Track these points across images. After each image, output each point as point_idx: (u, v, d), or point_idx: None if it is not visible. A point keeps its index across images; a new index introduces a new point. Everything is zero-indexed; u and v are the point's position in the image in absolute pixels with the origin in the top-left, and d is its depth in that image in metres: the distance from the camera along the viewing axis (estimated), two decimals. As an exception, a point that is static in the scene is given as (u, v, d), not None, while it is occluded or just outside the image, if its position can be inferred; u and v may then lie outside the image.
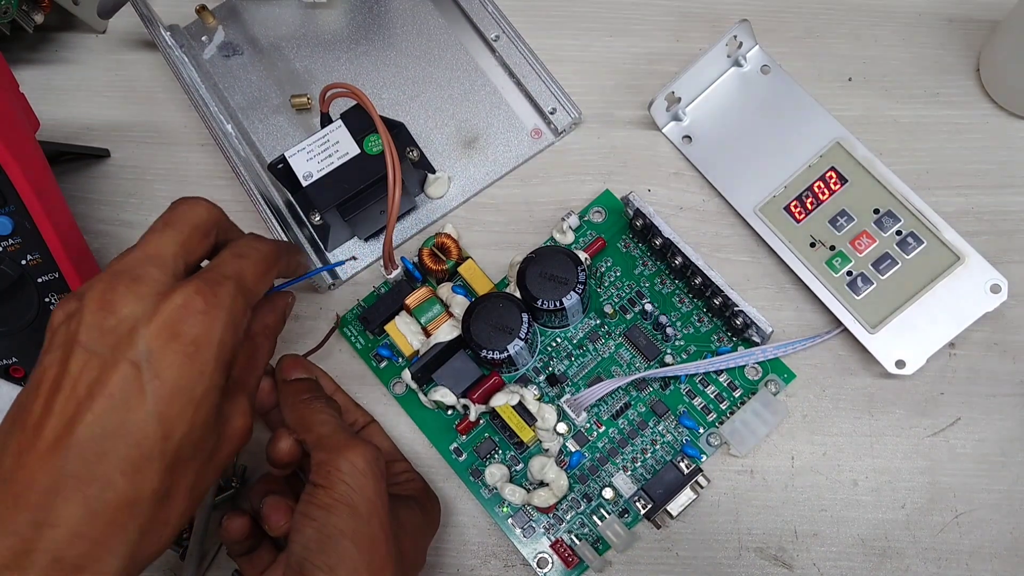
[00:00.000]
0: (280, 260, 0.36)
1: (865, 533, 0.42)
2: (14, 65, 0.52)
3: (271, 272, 0.35)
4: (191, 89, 0.48)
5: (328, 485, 0.33)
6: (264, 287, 0.35)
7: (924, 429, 0.43)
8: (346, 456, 0.34)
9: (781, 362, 0.44)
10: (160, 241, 0.32)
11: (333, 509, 0.32)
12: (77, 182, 0.51)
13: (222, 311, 0.31)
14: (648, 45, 0.51)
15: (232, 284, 0.32)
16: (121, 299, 0.30)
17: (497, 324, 0.41)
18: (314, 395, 0.38)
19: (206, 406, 0.30)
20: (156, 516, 0.29)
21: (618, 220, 0.47)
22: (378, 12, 0.53)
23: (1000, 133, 0.48)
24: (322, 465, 0.34)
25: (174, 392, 0.29)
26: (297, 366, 0.40)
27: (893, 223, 0.44)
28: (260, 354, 0.36)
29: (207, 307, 0.30)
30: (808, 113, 0.47)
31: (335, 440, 0.35)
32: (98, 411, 0.28)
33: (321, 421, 0.36)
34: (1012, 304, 0.44)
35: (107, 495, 0.28)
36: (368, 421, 0.43)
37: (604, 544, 0.42)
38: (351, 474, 0.33)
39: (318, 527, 0.32)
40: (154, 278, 0.31)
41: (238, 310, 0.32)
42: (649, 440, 0.43)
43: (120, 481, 0.28)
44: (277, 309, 0.38)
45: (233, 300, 0.31)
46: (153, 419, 0.29)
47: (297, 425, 0.36)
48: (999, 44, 0.47)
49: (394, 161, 0.41)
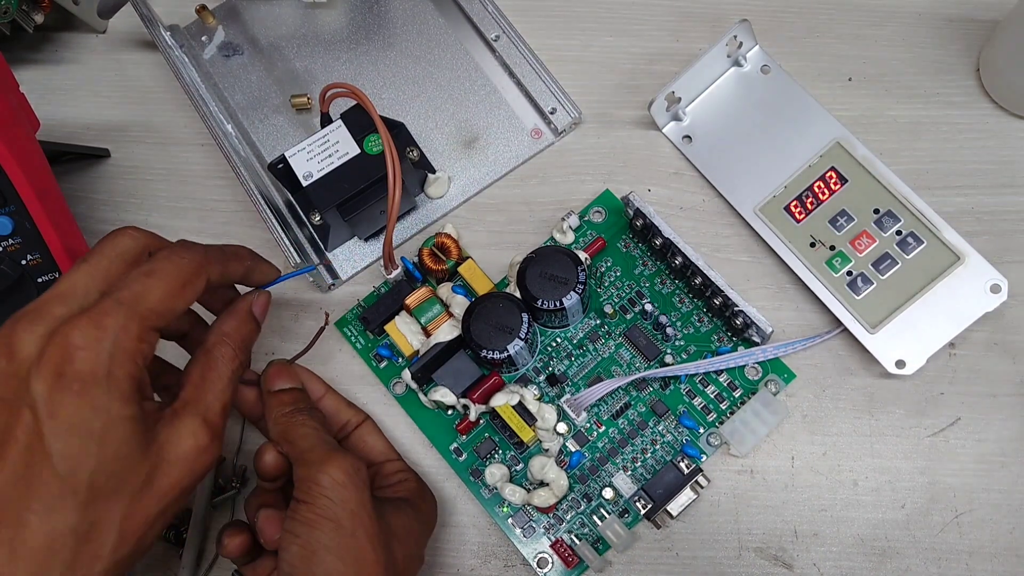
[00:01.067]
0: (203, 271, 0.34)
1: (865, 533, 0.42)
2: (14, 65, 0.52)
3: (190, 285, 0.33)
4: (191, 89, 0.48)
5: (310, 500, 0.33)
6: (177, 304, 0.32)
7: (924, 429, 0.43)
8: (325, 470, 0.33)
9: (781, 362, 0.44)
10: (72, 277, 0.32)
11: (316, 524, 0.32)
12: (77, 182, 0.51)
13: (105, 342, 0.29)
14: (648, 45, 0.51)
15: (122, 311, 0.30)
16: (19, 341, 0.30)
17: (497, 324, 0.41)
18: (296, 407, 0.37)
19: (113, 438, 0.29)
20: (80, 553, 0.29)
21: (618, 220, 0.47)
22: (378, 12, 0.53)
23: (1000, 133, 0.48)
24: (303, 480, 0.34)
25: (69, 430, 0.29)
26: (281, 375, 0.39)
27: (893, 223, 0.44)
28: (218, 366, 0.35)
29: (87, 341, 0.29)
30: (808, 113, 0.47)
31: (315, 454, 0.34)
32: (8, 458, 0.28)
33: (302, 435, 0.36)
34: (1012, 304, 0.44)
35: (23, 536, 0.28)
36: (361, 420, 0.42)
37: (604, 544, 0.42)
38: (332, 488, 0.33)
39: (302, 544, 0.32)
40: (54, 315, 0.30)
41: (129, 337, 0.30)
42: (649, 440, 0.43)
43: (35, 522, 0.28)
44: (237, 314, 0.37)
45: (122, 328, 0.30)
46: (56, 459, 0.28)
47: (280, 438, 0.36)
48: (999, 44, 0.47)
49: (394, 161, 0.41)
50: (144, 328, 0.31)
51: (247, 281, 0.38)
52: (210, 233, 0.49)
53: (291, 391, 0.38)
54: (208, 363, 0.34)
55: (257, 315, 0.38)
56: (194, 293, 0.33)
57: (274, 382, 0.38)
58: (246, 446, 0.45)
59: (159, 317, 0.31)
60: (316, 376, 0.42)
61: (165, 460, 0.31)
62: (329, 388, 0.42)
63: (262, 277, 0.39)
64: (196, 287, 0.33)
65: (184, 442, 0.31)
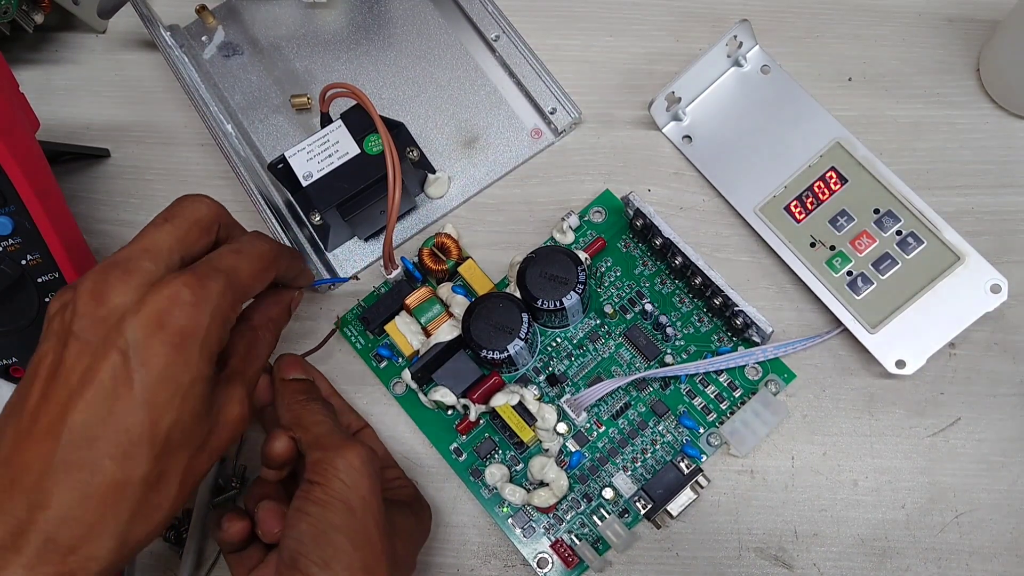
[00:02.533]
0: (279, 261, 0.36)
1: (865, 533, 0.42)
2: (14, 65, 0.52)
3: (268, 271, 0.35)
4: (191, 89, 0.48)
5: (324, 482, 0.33)
6: (259, 284, 0.35)
7: (924, 429, 0.43)
8: (342, 454, 0.34)
9: (781, 362, 0.44)
10: (157, 235, 0.33)
11: (328, 505, 0.33)
12: (77, 182, 0.51)
13: (209, 304, 0.31)
14: (648, 45, 0.51)
15: (223, 278, 0.32)
16: (112, 290, 0.30)
17: (497, 324, 0.41)
18: (310, 395, 0.38)
19: (194, 394, 0.31)
20: (147, 501, 0.30)
21: (618, 220, 0.47)
22: (378, 12, 0.53)
23: (1000, 133, 0.48)
24: (318, 463, 0.34)
25: (160, 380, 0.29)
26: (295, 366, 0.40)
27: (893, 223, 0.44)
28: (260, 345, 0.37)
29: (194, 299, 0.30)
30: (808, 113, 0.47)
31: (331, 439, 0.35)
32: (88, 399, 0.29)
33: (317, 421, 0.36)
34: (1012, 304, 0.44)
35: (97, 480, 0.29)
36: (362, 426, 0.43)
37: (604, 544, 0.42)
38: (347, 472, 0.33)
39: (313, 522, 0.32)
40: (146, 270, 0.31)
41: (226, 304, 0.32)
42: (649, 440, 0.43)
43: (110, 466, 0.29)
44: (281, 303, 0.39)
45: (221, 294, 0.32)
46: (141, 407, 0.29)
47: (293, 424, 0.37)
48: (999, 44, 0.47)
49: (394, 161, 0.41)
50: (236, 299, 0.33)
51: (295, 282, 0.40)
52: (210, 233, 0.49)
53: (303, 381, 0.39)
54: (254, 339, 0.36)
55: (293, 309, 0.40)
56: (269, 279, 0.36)
57: (288, 371, 0.39)
58: (246, 445, 0.45)
59: (246, 291, 0.34)
60: (324, 377, 0.44)
61: (219, 423, 0.32)
62: (334, 390, 0.44)
63: (305, 280, 0.41)
64: (271, 273, 0.36)
65: (234, 408, 0.33)
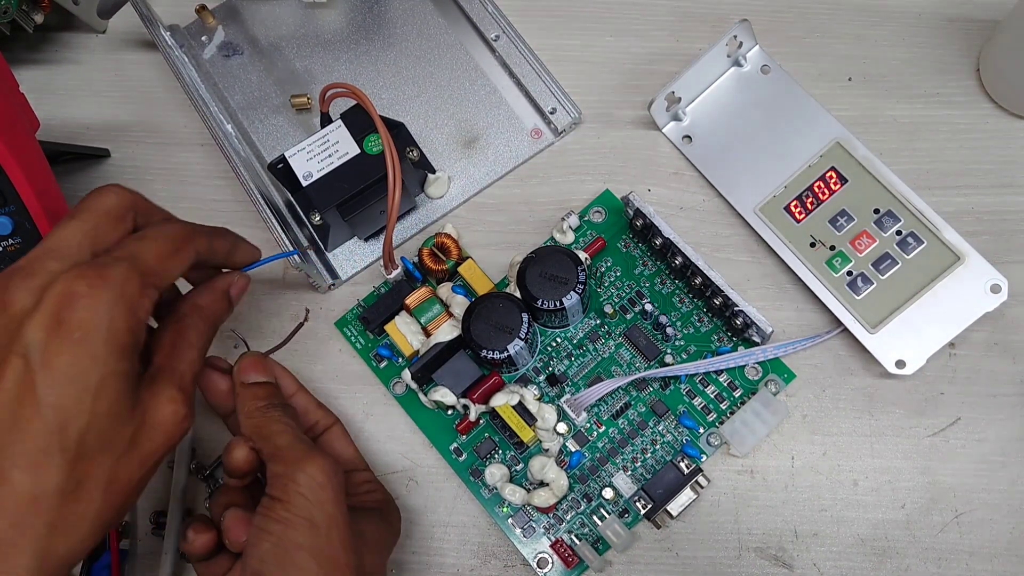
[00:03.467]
0: (194, 241, 0.34)
1: (865, 533, 0.42)
2: (14, 65, 0.52)
3: (180, 252, 0.33)
4: (191, 89, 0.48)
5: (286, 499, 0.32)
6: (172, 267, 0.33)
7: (924, 429, 0.43)
8: (304, 469, 0.33)
9: (781, 362, 0.44)
10: (61, 233, 0.31)
11: (291, 523, 0.32)
12: (77, 182, 0.51)
13: (108, 292, 0.29)
14: (648, 45, 0.51)
15: (122, 265, 0.30)
16: (13, 295, 0.29)
17: (497, 324, 0.41)
18: (271, 402, 0.36)
19: (107, 393, 0.29)
20: (66, 512, 0.28)
21: (618, 220, 0.47)
22: (378, 12, 0.53)
23: (1000, 133, 0.48)
24: (279, 478, 0.33)
25: (65, 381, 0.28)
26: (255, 367, 0.38)
27: (893, 223, 0.44)
28: (188, 337, 0.34)
29: (91, 291, 0.29)
30: (808, 113, 0.47)
31: (293, 452, 0.34)
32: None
33: (278, 431, 0.35)
34: (1012, 304, 0.44)
35: (6, 491, 0.28)
36: (331, 423, 0.41)
37: (604, 544, 0.42)
38: (309, 487, 0.32)
39: (275, 541, 0.32)
40: (48, 270, 0.30)
41: (130, 291, 0.30)
42: (649, 440, 0.43)
43: (20, 478, 0.28)
44: (215, 289, 0.36)
45: (123, 281, 0.30)
46: (47, 411, 0.28)
47: (253, 434, 0.35)
48: (999, 44, 0.47)
49: (394, 161, 0.41)
50: (143, 283, 0.31)
51: (231, 260, 0.38)
52: (210, 233, 0.49)
53: (264, 385, 0.37)
54: (179, 330, 0.34)
55: (232, 296, 0.37)
56: (184, 261, 0.33)
57: (247, 374, 0.37)
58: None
59: (156, 276, 0.31)
60: (288, 372, 0.41)
61: (147, 424, 0.30)
62: (301, 386, 0.41)
63: (245, 256, 0.39)
64: (186, 255, 0.34)
65: (164, 408, 0.31)
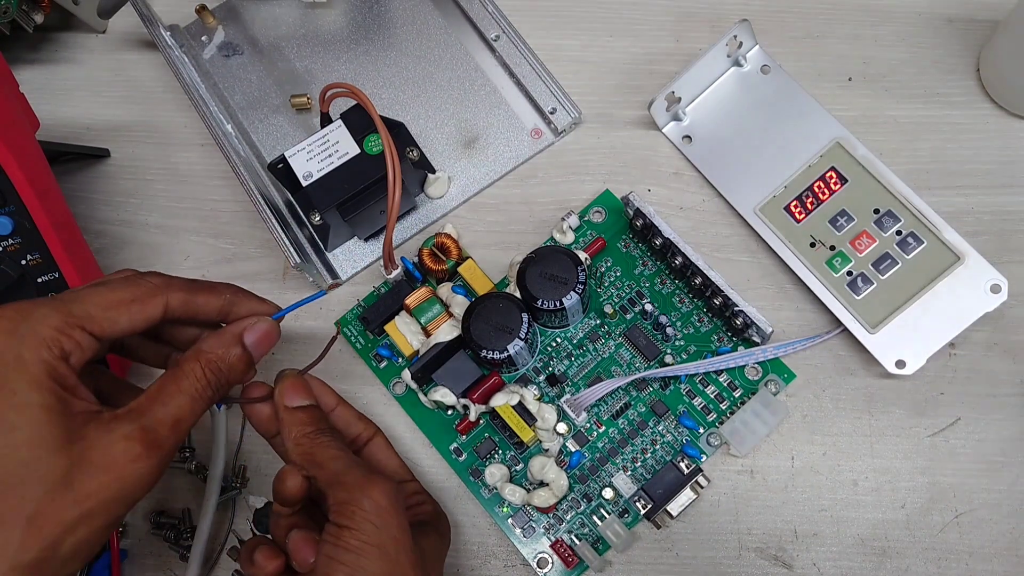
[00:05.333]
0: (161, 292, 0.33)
1: (865, 533, 0.42)
2: (14, 65, 0.52)
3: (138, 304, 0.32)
4: (191, 89, 0.48)
5: (354, 526, 0.32)
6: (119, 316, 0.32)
7: (924, 429, 0.43)
8: (368, 494, 0.32)
9: (781, 362, 0.44)
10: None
11: (363, 552, 0.31)
12: (77, 182, 0.51)
13: (22, 327, 0.29)
14: (648, 45, 0.51)
15: (51, 303, 0.30)
16: None
17: (497, 324, 0.41)
18: (318, 427, 0.35)
19: (23, 425, 0.28)
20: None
21: (618, 220, 0.47)
22: (378, 12, 0.53)
23: (1000, 133, 0.48)
24: (345, 505, 0.32)
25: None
26: (296, 390, 0.36)
27: (893, 223, 0.44)
28: (180, 384, 0.32)
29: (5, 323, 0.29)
30: (808, 113, 0.47)
31: (351, 477, 0.33)
32: None
33: (331, 457, 0.34)
34: (1012, 304, 0.44)
35: None
36: (372, 434, 0.40)
37: (604, 544, 0.42)
38: (376, 513, 0.32)
39: (349, 572, 0.31)
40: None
41: (47, 325, 0.29)
42: (649, 440, 0.43)
43: None
44: (220, 336, 0.34)
45: (42, 317, 0.29)
46: None
47: (306, 462, 0.34)
48: (999, 44, 0.47)
49: (394, 161, 0.41)
50: (67, 322, 0.30)
51: (227, 318, 0.36)
52: (210, 233, 0.49)
53: (309, 409, 0.36)
54: (170, 376, 0.33)
55: (250, 342, 0.35)
56: (144, 312, 0.32)
57: (291, 398, 0.36)
58: (246, 446, 0.45)
59: (91, 320, 0.31)
60: (327, 387, 0.40)
61: (89, 461, 0.29)
62: (341, 400, 0.40)
63: (250, 311, 0.36)
64: (147, 307, 0.33)
65: (114, 446, 0.29)
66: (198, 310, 0.35)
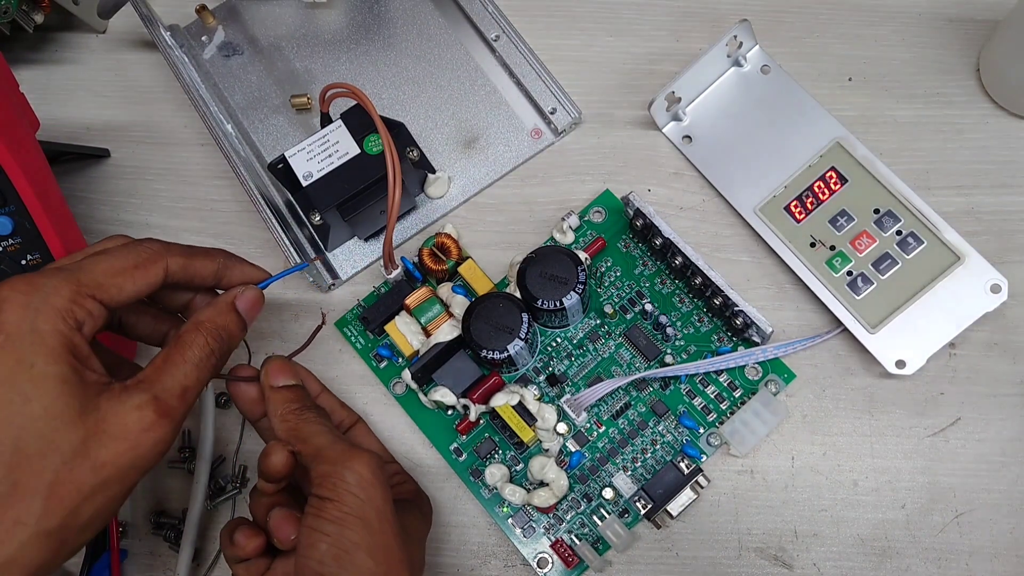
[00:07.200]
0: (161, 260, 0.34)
1: (865, 533, 0.42)
2: (14, 65, 0.52)
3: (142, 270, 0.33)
4: (191, 89, 0.48)
5: (337, 498, 0.32)
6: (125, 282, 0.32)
7: (924, 429, 0.43)
8: (351, 467, 0.33)
9: (781, 362, 0.44)
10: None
11: (345, 523, 0.32)
12: (77, 182, 0.51)
13: (34, 298, 0.29)
14: (648, 45, 0.51)
15: (58, 274, 0.31)
16: None
17: (497, 324, 0.41)
18: (304, 404, 0.36)
19: (41, 396, 0.29)
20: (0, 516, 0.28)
21: (618, 220, 0.47)
22: (378, 12, 0.53)
23: (1000, 133, 0.48)
24: (327, 477, 0.33)
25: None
26: (283, 371, 0.37)
27: (893, 223, 0.44)
28: (185, 353, 0.33)
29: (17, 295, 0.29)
30: (808, 113, 0.47)
31: (335, 451, 0.34)
32: None
33: (316, 431, 0.35)
34: (1012, 304, 0.44)
35: None
36: (355, 421, 0.41)
37: (604, 544, 0.42)
38: (359, 485, 0.32)
39: (332, 542, 0.32)
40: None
41: (61, 296, 0.30)
42: (649, 440, 0.43)
43: None
44: (217, 305, 0.36)
45: (54, 288, 0.30)
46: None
47: (291, 437, 0.35)
48: (999, 44, 0.47)
49: (394, 161, 0.41)
50: (78, 292, 0.31)
51: (223, 282, 0.37)
52: (210, 233, 0.49)
53: (294, 388, 0.37)
54: (175, 346, 0.33)
55: (242, 309, 0.36)
56: (147, 277, 0.33)
57: (276, 378, 0.37)
58: (245, 446, 0.45)
59: (100, 288, 0.31)
60: (311, 374, 0.41)
61: (104, 431, 0.30)
62: (324, 387, 0.41)
63: (241, 277, 0.38)
64: (150, 272, 0.33)
65: (127, 416, 0.30)
66: (195, 274, 0.36)
